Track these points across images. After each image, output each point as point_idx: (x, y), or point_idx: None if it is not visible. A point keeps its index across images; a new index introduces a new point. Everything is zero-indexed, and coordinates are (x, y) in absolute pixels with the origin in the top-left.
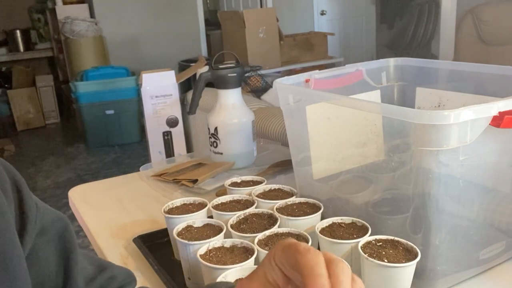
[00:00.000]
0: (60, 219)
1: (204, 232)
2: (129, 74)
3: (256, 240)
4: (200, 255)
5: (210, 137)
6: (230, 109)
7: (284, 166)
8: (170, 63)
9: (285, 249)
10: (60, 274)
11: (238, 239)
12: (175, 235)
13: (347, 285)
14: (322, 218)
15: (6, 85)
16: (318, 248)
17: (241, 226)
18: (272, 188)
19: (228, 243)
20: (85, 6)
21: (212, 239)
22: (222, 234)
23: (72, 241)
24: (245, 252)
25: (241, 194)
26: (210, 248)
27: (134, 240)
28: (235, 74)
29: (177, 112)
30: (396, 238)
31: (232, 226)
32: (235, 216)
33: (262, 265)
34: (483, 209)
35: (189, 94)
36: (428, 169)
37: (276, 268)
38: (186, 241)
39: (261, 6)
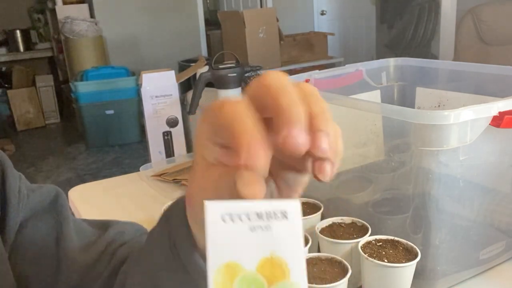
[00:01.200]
0: (47, 195)
1: None
2: (129, 74)
3: None
4: None
5: None
6: None
7: None
8: (170, 63)
9: (210, 124)
10: (53, 246)
11: None
12: None
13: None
14: (322, 218)
15: (6, 85)
16: (318, 250)
17: None
18: None
19: None
20: (85, 6)
21: None
22: None
23: (62, 212)
24: None
25: None
26: None
27: None
28: (235, 74)
29: (177, 112)
30: (396, 238)
31: None
32: None
33: (195, 149)
34: (483, 209)
35: (189, 94)
36: (428, 169)
37: (209, 145)
38: None
39: (261, 6)
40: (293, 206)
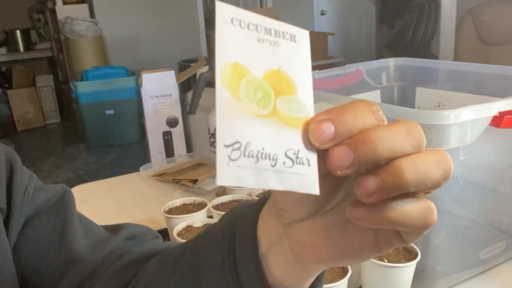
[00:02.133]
0: (54, 194)
1: None
2: (129, 74)
3: None
4: None
5: (210, 137)
6: None
7: None
8: (170, 63)
9: None
10: (57, 245)
11: None
12: (175, 235)
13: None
14: None
15: (6, 85)
16: None
17: None
18: None
19: None
20: (85, 6)
21: None
22: None
23: (67, 210)
24: None
25: (241, 194)
26: None
27: None
28: None
29: (177, 112)
30: None
31: None
32: None
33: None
34: (483, 209)
35: (189, 94)
36: None
37: None
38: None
39: (261, 6)
40: (303, 33)
